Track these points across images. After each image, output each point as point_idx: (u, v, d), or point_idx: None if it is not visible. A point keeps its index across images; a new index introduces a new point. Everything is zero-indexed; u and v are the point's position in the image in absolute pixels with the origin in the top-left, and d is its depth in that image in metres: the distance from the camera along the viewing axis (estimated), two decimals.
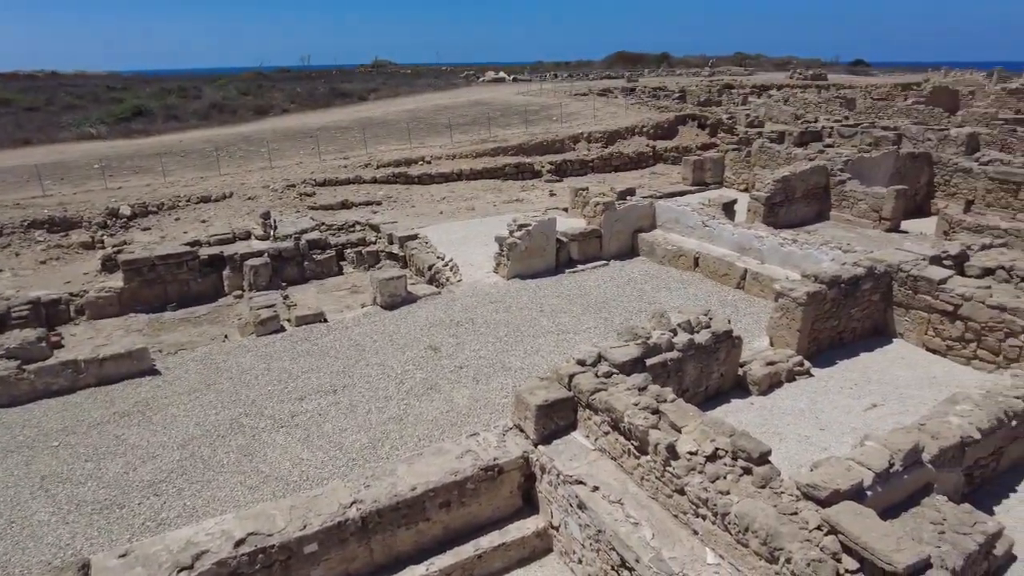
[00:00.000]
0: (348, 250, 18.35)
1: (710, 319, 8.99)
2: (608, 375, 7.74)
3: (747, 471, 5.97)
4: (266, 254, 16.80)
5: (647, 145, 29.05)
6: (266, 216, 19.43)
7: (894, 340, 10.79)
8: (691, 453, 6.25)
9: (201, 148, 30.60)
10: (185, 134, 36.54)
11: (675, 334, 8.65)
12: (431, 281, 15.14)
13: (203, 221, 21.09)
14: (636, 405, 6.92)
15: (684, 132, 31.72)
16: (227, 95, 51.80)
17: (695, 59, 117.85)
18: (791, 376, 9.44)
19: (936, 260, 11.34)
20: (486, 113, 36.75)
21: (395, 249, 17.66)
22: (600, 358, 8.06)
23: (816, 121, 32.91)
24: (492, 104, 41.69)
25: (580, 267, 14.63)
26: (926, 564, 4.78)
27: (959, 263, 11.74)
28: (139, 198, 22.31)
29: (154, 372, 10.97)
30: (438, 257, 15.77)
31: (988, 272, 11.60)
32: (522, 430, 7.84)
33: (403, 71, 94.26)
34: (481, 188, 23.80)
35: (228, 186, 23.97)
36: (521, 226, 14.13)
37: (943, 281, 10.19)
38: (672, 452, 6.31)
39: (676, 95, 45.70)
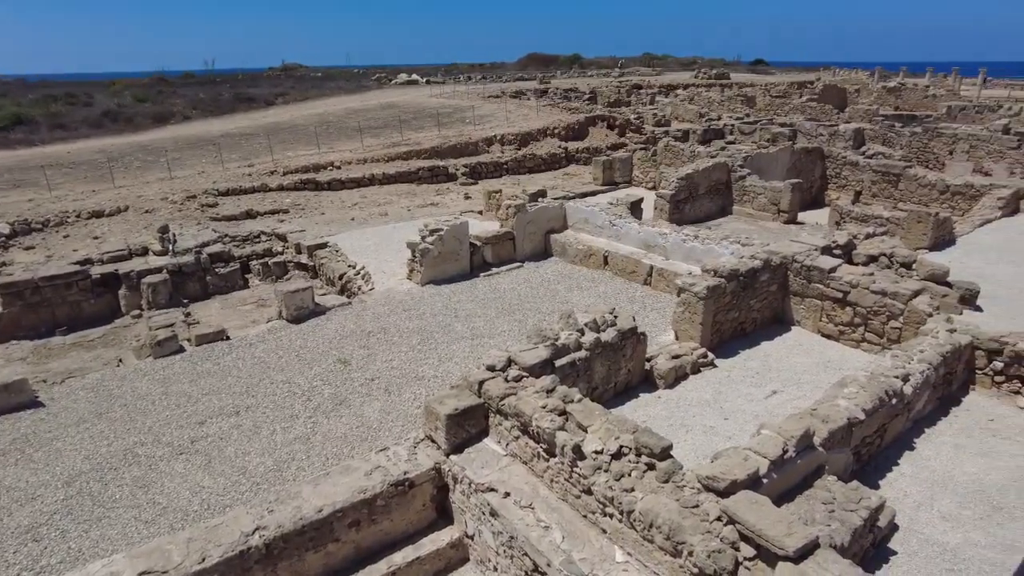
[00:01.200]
0: (254, 262, 17.62)
1: (615, 317, 9.14)
2: (518, 379, 7.72)
3: (651, 467, 6.07)
4: (165, 270, 15.91)
5: (559, 146, 29.44)
6: (164, 230, 18.36)
7: (792, 328, 11.32)
8: (597, 452, 6.31)
9: (92, 159, 28.68)
10: (74, 144, 34.14)
11: (583, 334, 8.74)
12: (342, 291, 14.73)
13: (95, 238, 19.71)
14: (544, 408, 6.92)
15: (594, 133, 32.34)
16: (122, 102, 48.79)
17: (606, 60, 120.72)
18: (696, 368, 9.73)
19: (827, 250, 12.01)
20: (398, 116, 36.26)
21: (304, 259, 17.09)
22: (510, 362, 8.03)
23: (719, 119, 34.36)
24: (405, 107, 41.18)
25: (495, 270, 14.61)
26: (814, 544, 4.98)
27: (847, 252, 12.49)
28: (20, 214, 20.64)
29: (36, 404, 10.12)
30: (349, 266, 15.37)
31: (872, 259, 12.40)
32: (433, 440, 7.70)
33: (313, 74, 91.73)
34: (394, 193, 23.41)
35: (123, 199, 22.55)
36: (433, 231, 13.95)
37: (833, 270, 10.77)
38: (578, 452, 6.34)
39: (587, 96, 46.61)
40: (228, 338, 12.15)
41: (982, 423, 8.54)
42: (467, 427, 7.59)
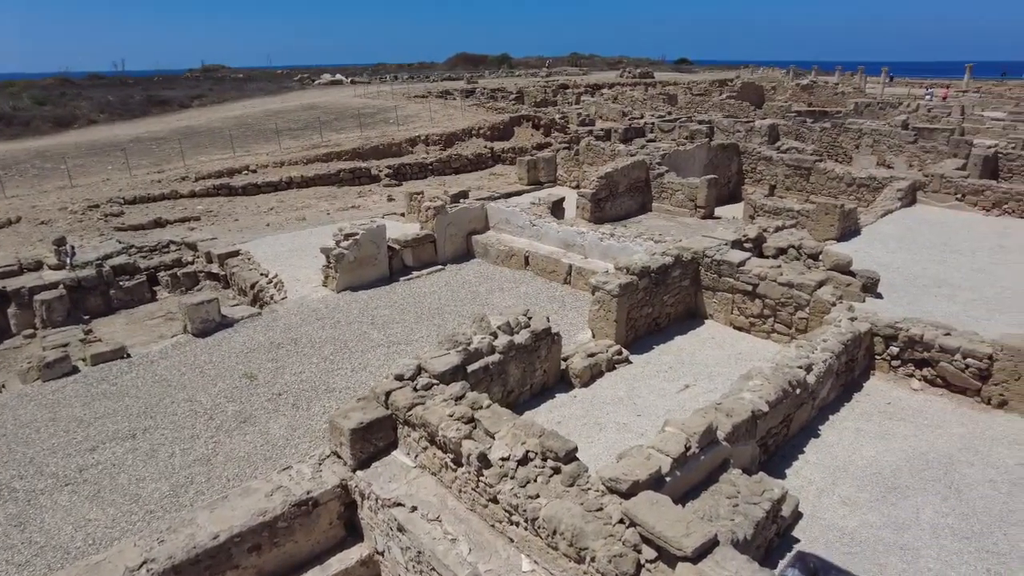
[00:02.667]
0: (162, 273, 16.72)
1: (529, 319, 9.04)
2: (428, 387, 7.49)
3: (556, 471, 5.97)
4: (61, 285, 14.87)
5: (485, 146, 29.30)
6: (60, 242, 17.14)
7: (706, 321, 11.53)
8: (503, 459, 6.16)
9: None
10: None
11: (496, 337, 8.59)
12: (254, 301, 14.12)
13: None
14: (451, 416, 6.73)
15: (520, 132, 32.38)
16: (19, 104, 45.59)
17: (534, 60, 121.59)
18: (611, 365, 9.75)
19: (737, 244, 12.28)
20: (320, 117, 35.29)
21: (215, 268, 16.32)
22: (420, 370, 7.80)
23: (642, 118, 34.97)
24: (327, 108, 40.15)
25: (415, 274, 14.31)
26: (713, 543, 4.97)
27: (758, 245, 12.82)
28: None
29: None
30: (262, 274, 14.75)
31: (782, 251, 12.77)
32: (339, 456, 7.39)
33: (234, 75, 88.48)
34: (314, 196, 22.71)
35: (15, 210, 20.99)
36: (348, 235, 13.54)
37: (742, 264, 11.01)
38: (484, 461, 6.18)
39: (513, 96, 46.66)
40: (128, 356, 11.41)
41: (880, 407, 8.88)
42: (374, 440, 7.31)
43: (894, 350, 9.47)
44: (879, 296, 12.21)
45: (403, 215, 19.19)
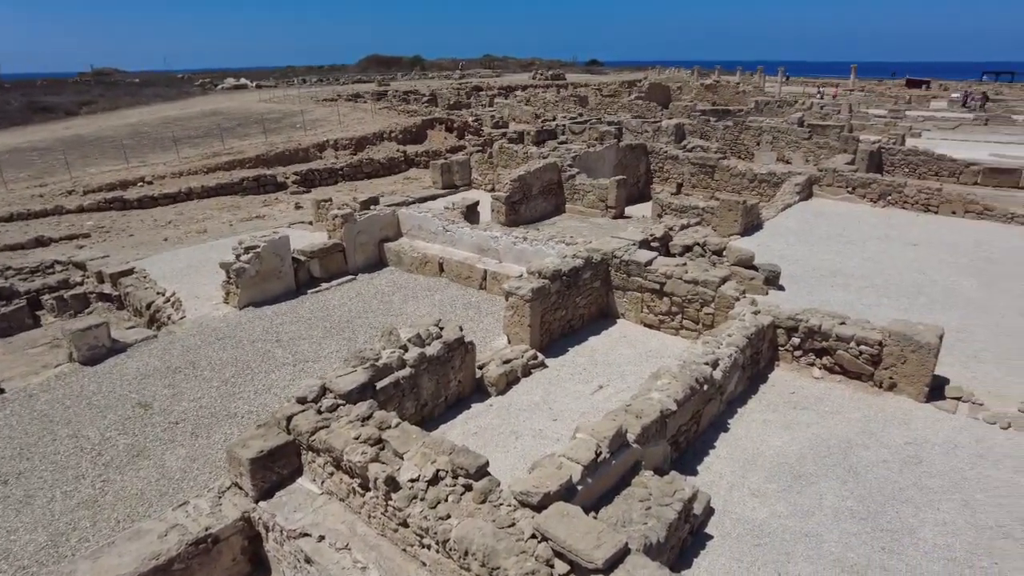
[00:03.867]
0: (46, 296, 15.38)
1: (441, 329, 8.83)
2: (333, 408, 7.15)
3: (468, 488, 5.80)
4: None
5: (398, 150, 28.78)
6: None
7: (618, 321, 11.66)
8: (412, 480, 5.93)
9: None
10: None
11: (406, 350, 8.33)
12: (151, 322, 13.21)
13: None
14: (356, 439, 6.43)
15: (433, 135, 32.03)
16: None
17: (447, 62, 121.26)
18: (527, 371, 9.68)
19: (645, 244, 12.50)
20: (222, 124, 33.69)
21: (108, 289, 15.17)
22: (324, 391, 7.44)
23: (554, 119, 35.35)
24: (230, 114, 38.42)
25: (324, 285, 13.78)
26: (624, 552, 4.94)
27: (665, 243, 13.10)
28: None
29: None
30: (158, 293, 13.82)
31: (688, 249, 13.10)
32: (240, 487, 6.94)
33: (129, 80, 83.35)
34: (216, 207, 21.59)
35: None
36: (249, 248, 12.87)
37: (649, 263, 11.19)
38: (392, 484, 5.93)
39: (426, 99, 46.21)
40: (2, 391, 10.37)
41: (785, 397, 9.21)
42: (277, 469, 6.91)
43: (796, 341, 9.85)
44: (781, 288, 12.74)
45: (311, 223, 18.54)
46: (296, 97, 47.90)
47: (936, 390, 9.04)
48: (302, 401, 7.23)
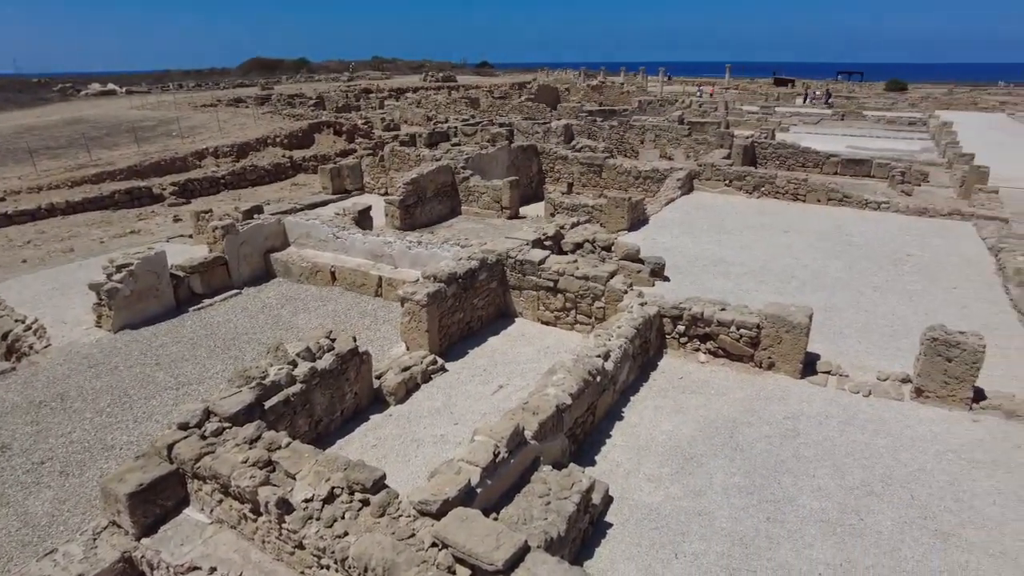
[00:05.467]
0: None
1: (333, 341, 8.57)
2: (218, 432, 6.76)
3: (365, 503, 5.66)
4: None
5: (284, 156, 27.70)
6: None
7: (516, 320, 11.79)
8: (306, 501, 5.72)
9: None
10: None
11: (295, 366, 8.01)
12: (9, 353, 11.98)
13: None
14: (244, 463, 6.12)
15: (321, 139, 31.07)
16: None
17: (334, 64, 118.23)
18: (427, 376, 9.59)
19: (538, 243, 12.72)
20: (87, 132, 31.12)
21: None
22: (208, 414, 7.03)
23: (446, 121, 35.28)
24: (96, 121, 35.55)
25: (207, 302, 13.02)
26: (524, 550, 4.98)
27: (557, 242, 13.38)
28: None
29: None
30: (17, 320, 12.55)
31: (579, 246, 13.44)
32: (119, 526, 6.42)
33: None
34: (83, 223, 19.87)
35: None
36: (121, 266, 11.96)
37: (542, 261, 11.39)
38: (285, 506, 5.69)
39: (313, 102, 44.80)
40: None
41: (674, 382, 9.64)
42: (160, 501, 6.45)
43: (681, 328, 10.34)
44: (667, 279, 13.33)
45: (192, 237, 17.49)
46: (172, 103, 45.05)
47: (809, 366, 9.77)
48: (184, 427, 6.79)
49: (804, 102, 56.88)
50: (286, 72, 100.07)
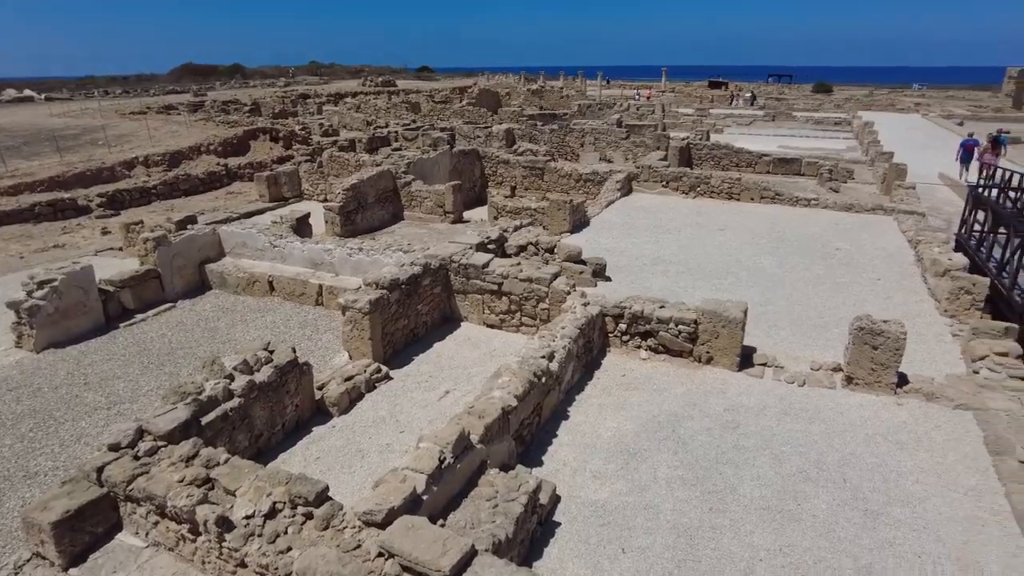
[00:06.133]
0: None
1: (271, 353, 8.36)
2: (153, 452, 6.50)
3: (309, 516, 5.54)
4: None
5: (219, 164, 26.86)
6: None
7: (461, 324, 11.76)
8: (247, 517, 5.56)
9: None
10: None
11: (232, 380, 7.78)
12: None
13: None
14: (181, 482, 5.91)
15: (257, 147, 30.29)
16: None
17: (270, 70, 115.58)
18: (371, 385, 9.46)
19: (482, 246, 12.73)
20: (2, 142, 29.43)
21: None
22: (142, 433, 6.75)
23: (386, 126, 34.93)
24: (12, 130, 33.62)
25: (139, 317, 12.49)
26: (471, 555, 4.98)
27: (500, 245, 13.42)
28: None
29: None
30: None
31: (522, 249, 13.52)
32: (44, 557, 6.10)
33: None
34: (1, 238, 18.80)
35: None
36: (43, 282, 11.36)
37: (486, 265, 11.41)
38: (225, 524, 5.52)
39: (248, 108, 43.66)
40: None
41: (617, 380, 9.80)
42: (89, 528, 6.16)
43: (623, 327, 10.53)
44: (608, 279, 13.55)
45: (122, 249, 16.77)
46: (97, 110, 43.09)
47: (746, 359, 10.10)
48: (115, 448, 6.51)
49: (731, 104, 59.11)
50: (220, 78, 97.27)
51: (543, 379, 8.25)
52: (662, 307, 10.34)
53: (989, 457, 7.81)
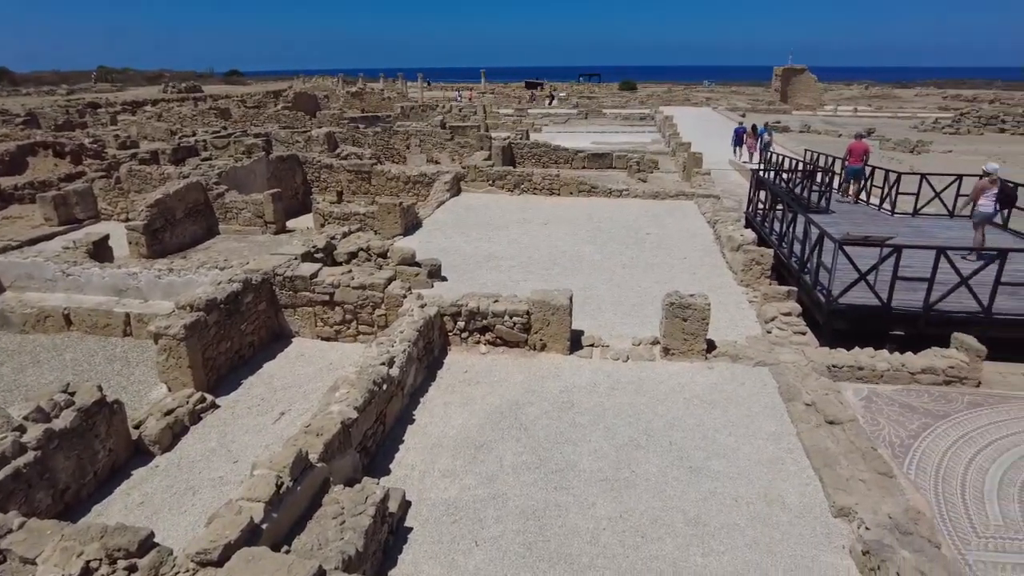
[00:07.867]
0: None
1: (72, 394, 7.43)
2: None
3: (132, 569, 5.02)
4: None
5: None
6: None
7: (293, 340, 11.24)
8: None
9: None
10: None
11: (23, 431, 6.81)
12: None
13: None
14: None
15: (37, 163, 26.57)
16: None
17: (49, 75, 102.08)
18: (196, 417, 8.74)
19: (309, 256, 12.25)
20: None
21: None
22: None
23: (193, 135, 32.24)
24: None
25: None
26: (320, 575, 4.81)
27: (329, 253, 13.00)
28: None
29: None
30: None
31: (353, 255, 13.21)
32: None
33: None
34: None
35: None
36: None
37: (315, 275, 11.00)
38: None
39: (22, 119, 38.17)
40: None
41: (460, 376, 9.94)
42: None
43: (461, 324, 10.69)
44: (444, 279, 13.68)
45: None
46: None
47: (575, 342, 10.69)
48: None
49: (529, 101, 62.77)
50: None
51: (384, 386, 8.15)
52: (496, 301, 10.64)
53: (783, 404, 9.00)
